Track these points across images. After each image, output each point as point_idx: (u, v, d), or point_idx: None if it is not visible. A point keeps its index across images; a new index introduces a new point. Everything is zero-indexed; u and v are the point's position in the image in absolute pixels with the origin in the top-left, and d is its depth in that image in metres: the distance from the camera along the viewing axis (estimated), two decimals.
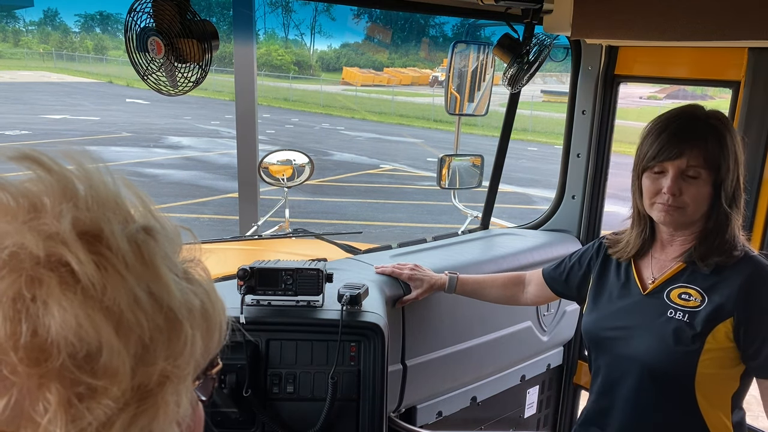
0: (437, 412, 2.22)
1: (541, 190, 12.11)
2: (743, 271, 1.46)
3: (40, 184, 0.44)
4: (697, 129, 1.45)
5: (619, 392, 1.61)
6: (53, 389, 0.40)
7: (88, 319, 0.41)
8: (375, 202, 11.24)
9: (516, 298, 1.99)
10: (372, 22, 45.41)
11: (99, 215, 0.44)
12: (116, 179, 0.48)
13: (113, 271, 0.43)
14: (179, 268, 0.49)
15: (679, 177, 1.45)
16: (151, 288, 0.45)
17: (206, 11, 33.94)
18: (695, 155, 1.43)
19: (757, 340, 1.44)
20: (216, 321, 0.51)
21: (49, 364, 0.40)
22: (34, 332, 0.40)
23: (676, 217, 1.50)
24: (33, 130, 16.89)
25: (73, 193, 0.44)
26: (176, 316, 0.46)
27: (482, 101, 2.65)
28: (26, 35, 48.28)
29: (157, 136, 16.88)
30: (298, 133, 19.37)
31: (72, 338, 0.40)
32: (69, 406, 0.41)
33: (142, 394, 0.44)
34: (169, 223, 0.50)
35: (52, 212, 0.43)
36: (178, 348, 0.46)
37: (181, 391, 0.48)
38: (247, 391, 1.57)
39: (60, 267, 0.41)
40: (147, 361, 0.44)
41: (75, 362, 0.41)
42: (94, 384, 0.41)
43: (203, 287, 0.51)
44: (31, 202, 0.43)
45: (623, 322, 1.60)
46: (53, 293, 0.40)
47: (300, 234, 2.50)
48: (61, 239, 0.42)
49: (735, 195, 1.48)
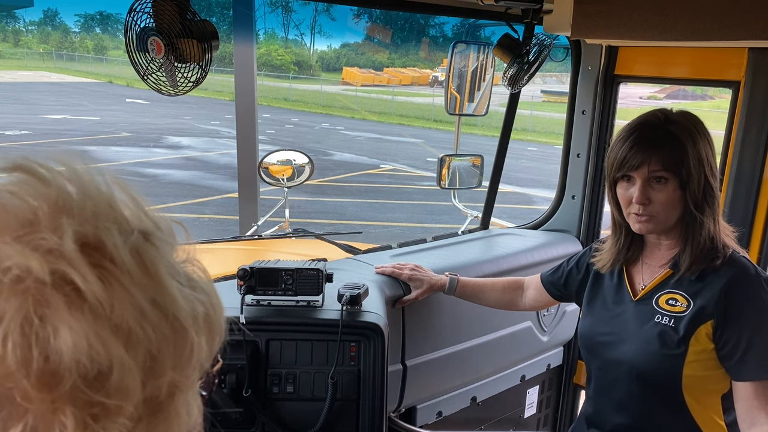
0: (437, 412, 2.22)
1: (541, 190, 12.11)
2: (725, 274, 1.48)
3: (33, 195, 0.43)
4: (656, 138, 1.47)
5: (612, 396, 1.63)
6: (68, 412, 0.40)
7: (97, 339, 0.40)
8: (375, 202, 11.24)
9: (515, 302, 2.00)
10: (372, 22, 45.42)
11: (98, 226, 0.43)
12: (108, 180, 0.47)
13: (119, 286, 0.42)
14: (181, 274, 0.49)
15: (647, 185, 1.48)
16: (156, 299, 0.44)
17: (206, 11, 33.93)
18: (655, 162, 1.46)
19: (732, 340, 1.45)
20: (218, 324, 0.51)
21: (61, 388, 0.39)
22: (45, 357, 0.39)
23: (650, 227, 1.52)
24: (33, 130, 16.89)
25: (69, 203, 0.43)
26: (182, 324, 0.46)
27: (482, 101, 2.65)
28: (26, 35, 48.27)
29: (157, 136, 16.88)
30: (298, 133, 19.37)
31: (83, 360, 0.39)
32: (85, 427, 0.40)
33: (154, 407, 0.44)
34: (164, 222, 0.49)
35: (50, 226, 0.41)
36: (185, 356, 0.46)
37: (190, 399, 0.48)
38: (247, 391, 1.57)
39: (64, 285, 0.40)
40: (156, 373, 0.44)
41: (86, 383, 0.40)
42: (108, 403, 0.41)
43: (205, 291, 0.50)
44: (25, 215, 0.41)
45: (614, 328, 1.63)
46: (62, 315, 0.39)
47: (300, 234, 2.49)
48: (62, 255, 0.40)
49: (706, 195, 1.48)
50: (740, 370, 1.46)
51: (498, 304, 2.02)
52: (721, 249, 1.51)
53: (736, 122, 2.08)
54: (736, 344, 1.45)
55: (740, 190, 2.10)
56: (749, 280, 1.47)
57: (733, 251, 1.52)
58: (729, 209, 2.07)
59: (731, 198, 2.10)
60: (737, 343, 1.45)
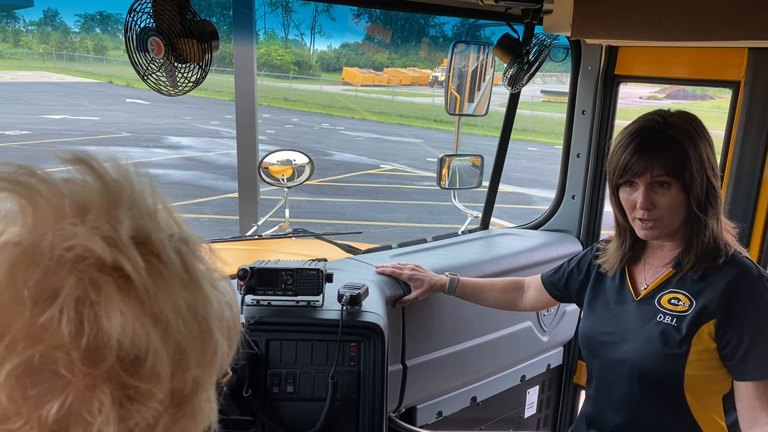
0: (437, 412, 2.22)
1: (541, 190, 12.11)
2: (728, 274, 1.48)
3: (89, 187, 0.46)
4: (657, 143, 1.47)
5: (612, 396, 1.63)
6: (106, 391, 0.42)
7: (141, 325, 0.43)
8: (375, 202, 11.24)
9: (515, 302, 2.00)
10: (372, 22, 45.40)
11: (146, 223, 0.46)
12: (151, 188, 0.50)
13: (162, 279, 0.45)
14: (213, 279, 0.52)
15: (650, 190, 1.48)
16: (192, 298, 0.47)
17: (206, 11, 33.92)
18: (657, 167, 1.46)
19: (734, 340, 1.45)
20: (237, 330, 0.54)
21: (103, 366, 0.42)
22: (95, 334, 0.41)
23: (655, 234, 1.52)
24: (33, 130, 16.89)
25: (122, 198, 0.46)
26: (209, 325, 0.49)
27: (482, 101, 2.65)
28: (26, 35, 48.25)
29: (157, 136, 16.88)
30: (298, 133, 19.36)
31: (127, 343, 0.42)
32: (120, 407, 0.43)
33: (179, 399, 0.47)
34: (191, 231, 0.53)
35: (105, 216, 0.44)
36: (209, 355, 0.49)
37: (212, 397, 0.51)
38: (247, 391, 1.57)
39: (114, 272, 0.43)
40: (183, 366, 0.46)
41: (123, 365, 0.42)
42: (140, 387, 0.43)
43: (229, 297, 0.53)
44: (80, 203, 0.45)
45: (616, 328, 1.63)
46: (113, 298, 0.42)
47: (300, 234, 2.49)
48: (116, 243, 0.43)
49: (709, 198, 1.49)
50: (742, 370, 1.46)
51: (498, 305, 2.02)
52: (724, 248, 1.51)
53: (736, 122, 2.08)
54: (738, 344, 1.45)
55: (740, 190, 2.10)
56: (752, 280, 1.48)
57: (735, 251, 1.52)
58: (729, 209, 2.07)
59: (731, 198, 2.10)
60: (739, 343, 1.45)
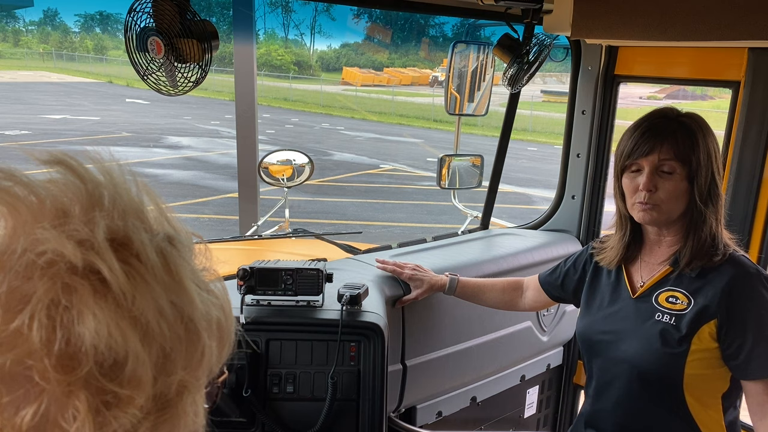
0: (437, 412, 2.22)
1: (540, 190, 12.11)
2: (727, 273, 1.48)
3: (69, 188, 0.45)
4: (668, 126, 1.49)
5: (612, 395, 1.63)
6: (82, 397, 0.41)
7: (117, 329, 0.42)
8: (375, 202, 11.24)
9: (514, 303, 2.00)
10: (372, 22, 45.43)
11: (127, 223, 0.45)
12: (138, 184, 0.49)
13: (142, 281, 0.44)
14: (200, 279, 0.50)
15: (654, 173, 1.48)
16: (175, 299, 0.46)
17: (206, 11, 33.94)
18: (666, 149, 1.47)
19: (737, 340, 1.46)
20: (229, 331, 0.52)
21: (78, 372, 0.41)
22: (67, 340, 0.40)
23: (654, 216, 1.52)
24: (33, 130, 16.89)
25: (102, 199, 0.45)
26: (196, 327, 0.47)
27: (482, 101, 2.65)
28: (26, 35, 48.27)
29: (157, 136, 16.87)
30: (298, 133, 19.36)
31: (102, 347, 0.41)
32: (97, 413, 0.41)
33: (163, 403, 0.45)
34: (184, 229, 0.51)
35: (83, 218, 0.43)
36: (196, 358, 0.48)
37: (198, 401, 0.49)
38: (247, 391, 1.57)
39: (92, 274, 0.42)
40: (167, 370, 0.45)
41: (101, 371, 0.41)
42: (120, 393, 0.42)
43: (220, 298, 0.52)
44: (60, 206, 0.44)
45: (613, 326, 1.62)
46: (87, 302, 0.41)
47: (300, 234, 2.49)
48: (93, 246, 0.42)
49: (711, 192, 1.49)
50: (747, 370, 1.47)
51: (498, 305, 2.02)
52: (722, 247, 1.51)
53: (736, 122, 2.08)
54: (742, 344, 1.45)
55: (740, 190, 2.10)
56: (751, 279, 1.48)
57: (733, 250, 1.52)
58: (729, 209, 2.07)
59: (731, 198, 2.10)
60: (743, 343, 1.45)
